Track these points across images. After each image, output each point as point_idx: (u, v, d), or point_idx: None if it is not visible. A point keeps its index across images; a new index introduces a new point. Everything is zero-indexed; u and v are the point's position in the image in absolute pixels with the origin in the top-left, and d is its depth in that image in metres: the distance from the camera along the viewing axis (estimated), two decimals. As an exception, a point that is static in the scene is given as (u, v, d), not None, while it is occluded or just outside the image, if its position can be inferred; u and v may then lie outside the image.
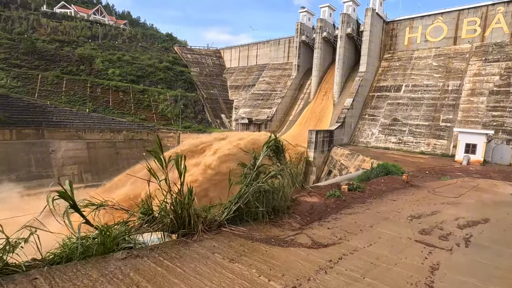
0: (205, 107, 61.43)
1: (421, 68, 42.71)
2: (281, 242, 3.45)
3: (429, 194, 8.15)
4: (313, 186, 7.38)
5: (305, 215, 4.60)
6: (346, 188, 6.86)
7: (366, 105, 44.26)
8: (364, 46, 44.69)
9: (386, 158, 29.00)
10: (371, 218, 5.05)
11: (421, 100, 39.70)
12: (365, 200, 6.19)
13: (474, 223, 5.12)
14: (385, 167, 12.39)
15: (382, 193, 7.21)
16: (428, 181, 12.23)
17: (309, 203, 5.30)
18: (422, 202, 6.68)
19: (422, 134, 36.70)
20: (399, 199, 6.81)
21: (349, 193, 6.64)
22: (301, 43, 55.73)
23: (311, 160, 36.29)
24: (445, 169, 21.40)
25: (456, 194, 8.81)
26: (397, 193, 7.60)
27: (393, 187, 8.29)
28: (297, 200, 5.39)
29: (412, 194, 7.76)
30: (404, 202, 6.46)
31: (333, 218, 4.78)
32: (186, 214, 3.39)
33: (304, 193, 6.07)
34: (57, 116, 41.13)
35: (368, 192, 7.07)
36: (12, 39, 51.99)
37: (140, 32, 78.11)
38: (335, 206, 5.26)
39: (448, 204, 6.73)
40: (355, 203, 5.78)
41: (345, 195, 6.29)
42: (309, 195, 5.91)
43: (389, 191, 7.62)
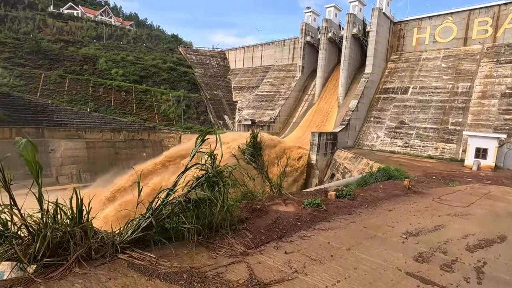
0: (208, 108, 60.82)
1: (429, 70, 41.30)
2: (198, 278, 2.45)
3: (434, 202, 7.09)
4: (295, 192, 6.41)
5: (260, 232, 3.64)
6: (333, 195, 5.88)
7: (372, 107, 42.97)
8: (370, 47, 43.49)
9: (391, 162, 27.76)
10: (352, 236, 4.06)
11: (429, 102, 38.28)
12: (352, 210, 5.20)
13: (488, 242, 4.10)
14: (386, 171, 11.32)
15: (377, 201, 6.20)
16: (434, 187, 11.10)
17: (278, 213, 4.36)
18: (424, 213, 5.65)
19: (430, 138, 35.26)
20: (397, 208, 5.78)
21: (336, 200, 5.68)
22: (305, 44, 54.75)
23: (313, 163, 35.18)
24: (454, 174, 20.10)
25: (465, 203, 7.74)
26: (395, 201, 6.57)
27: (392, 194, 7.25)
28: (265, 209, 4.45)
29: (414, 202, 6.71)
30: (401, 213, 5.45)
31: (300, 236, 3.78)
32: (62, 234, 2.46)
33: (279, 200, 5.13)
34: (58, 115, 40.93)
35: (360, 199, 6.07)
36: (17, 38, 52.30)
37: (145, 33, 78.22)
38: (309, 219, 4.29)
39: (455, 215, 5.70)
40: (338, 214, 4.80)
41: (329, 203, 5.33)
42: (285, 203, 4.97)
43: (386, 199, 6.60)
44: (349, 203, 5.55)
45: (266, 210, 4.38)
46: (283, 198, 5.22)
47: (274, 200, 5.09)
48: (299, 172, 34.54)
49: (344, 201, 5.65)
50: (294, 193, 6.20)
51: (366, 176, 11.05)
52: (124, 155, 41.07)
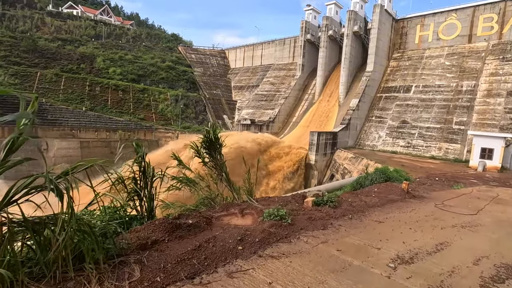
0: (207, 108, 59.93)
1: (432, 68, 40.12)
2: None
3: (436, 209, 6.07)
4: (263, 199, 5.42)
5: (162, 268, 2.53)
6: (310, 202, 4.89)
7: (373, 107, 41.84)
8: (371, 45, 42.39)
9: (393, 163, 26.70)
10: (314, 268, 2.88)
11: (432, 101, 37.10)
12: (330, 222, 4.18)
13: (509, 271, 3.04)
14: (383, 172, 10.29)
15: (367, 209, 5.19)
16: (437, 190, 10.05)
17: (220, 230, 3.38)
18: (423, 225, 4.63)
19: (433, 138, 34.08)
20: (390, 219, 4.75)
21: (312, 209, 4.69)
22: (306, 42, 53.71)
23: (312, 164, 34.14)
24: (458, 175, 18.99)
25: (472, 209, 6.72)
26: (389, 208, 5.55)
27: (387, 199, 6.25)
28: (204, 224, 3.48)
29: (412, 210, 5.69)
30: (394, 225, 4.42)
31: (229, 273, 2.57)
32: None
33: (236, 209, 4.15)
34: (53, 114, 40.20)
35: (345, 207, 5.08)
36: (14, 37, 51.77)
37: (145, 32, 77.57)
38: (260, 239, 3.24)
39: (462, 227, 4.69)
40: (307, 230, 3.78)
41: (301, 214, 4.34)
42: (242, 214, 4.01)
43: (378, 206, 5.59)
44: (328, 213, 4.54)
45: (204, 225, 3.40)
46: (242, 207, 4.24)
47: (229, 209, 4.12)
48: (297, 173, 33.49)
49: (322, 210, 4.66)
50: (262, 200, 5.21)
51: (361, 178, 10.04)
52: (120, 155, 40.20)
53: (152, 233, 3.15)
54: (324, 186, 11.18)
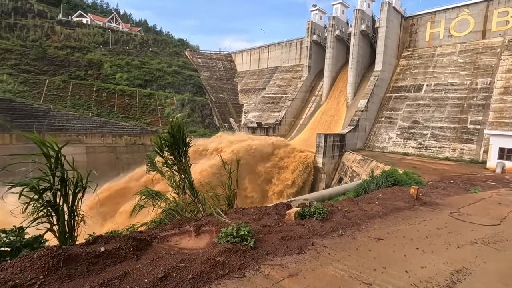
0: (213, 111, 59.60)
1: (444, 66, 38.56)
2: None
3: (450, 219, 5.14)
4: (238, 210, 4.61)
5: None
6: (292, 214, 4.06)
7: (383, 107, 40.50)
8: (379, 43, 41.16)
9: (404, 165, 25.48)
10: None
11: (445, 100, 35.55)
12: (312, 242, 3.30)
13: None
14: (391, 175, 9.33)
15: (365, 221, 4.31)
16: (452, 195, 9.02)
17: (153, 257, 2.58)
18: (435, 242, 3.72)
19: (447, 138, 32.52)
20: (392, 234, 3.83)
21: (294, 223, 3.87)
22: (312, 43, 52.82)
23: (319, 167, 33.08)
24: (475, 178, 17.68)
25: (494, 218, 5.75)
26: (394, 219, 4.66)
27: (393, 207, 5.35)
28: (150, 243, 2.71)
29: (421, 220, 4.78)
30: (397, 244, 3.50)
31: None
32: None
33: (191, 226, 3.36)
34: (60, 120, 40.55)
35: (338, 219, 4.22)
36: (24, 46, 52.89)
37: (152, 38, 78.27)
38: (194, 275, 2.29)
39: (484, 243, 3.78)
40: (276, 255, 2.92)
41: (275, 230, 3.51)
42: (196, 232, 3.23)
43: (380, 216, 4.71)
44: (312, 228, 3.69)
45: (129, 252, 2.62)
46: (200, 223, 3.45)
47: (183, 226, 3.36)
48: (304, 176, 32.46)
49: (306, 225, 3.82)
50: (236, 212, 4.40)
51: (366, 182, 9.11)
52: (125, 160, 40.17)
53: (21, 272, 2.23)
54: (327, 191, 10.29)
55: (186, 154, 4.66)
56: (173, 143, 4.48)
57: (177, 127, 4.52)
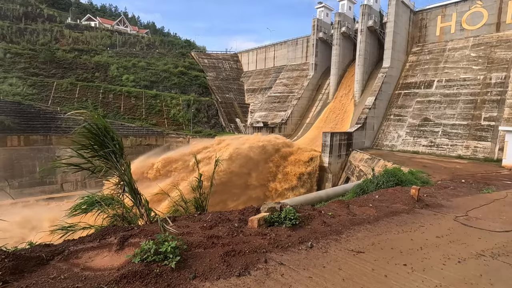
0: (219, 112, 59.31)
1: (456, 61, 37.10)
2: None
3: (455, 224, 4.42)
4: (190, 216, 4.03)
5: None
6: (255, 222, 3.44)
7: (391, 104, 39.29)
8: (387, 39, 39.96)
9: (413, 163, 24.45)
10: None
11: (457, 96, 34.15)
12: (265, 258, 2.66)
13: None
14: (394, 174, 8.61)
15: (348, 228, 3.64)
16: (461, 196, 8.22)
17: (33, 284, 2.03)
18: (430, 255, 2.99)
19: (459, 136, 31.17)
20: (378, 245, 3.09)
21: (256, 232, 3.26)
22: (318, 41, 51.88)
23: (326, 166, 32.23)
24: (489, 177, 16.62)
25: (508, 223, 4.99)
26: (386, 225, 3.97)
27: (389, 211, 4.69)
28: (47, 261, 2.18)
29: (420, 226, 4.07)
30: (380, 258, 2.76)
31: None
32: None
33: (115, 237, 2.82)
34: (66, 123, 40.91)
35: (315, 226, 3.58)
36: (34, 49, 53.83)
37: (158, 39, 78.70)
38: None
39: (493, 256, 3.06)
40: (206, 279, 2.27)
41: (223, 243, 2.89)
42: (119, 245, 2.67)
43: (370, 221, 4.03)
44: (275, 239, 3.05)
45: None
46: (130, 234, 2.90)
47: (106, 237, 2.82)
48: (309, 176, 31.67)
49: (270, 234, 3.19)
50: (188, 219, 3.82)
51: (366, 182, 8.40)
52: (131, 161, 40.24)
53: None
54: (324, 191, 9.63)
55: (122, 154, 4.19)
56: (102, 142, 4.01)
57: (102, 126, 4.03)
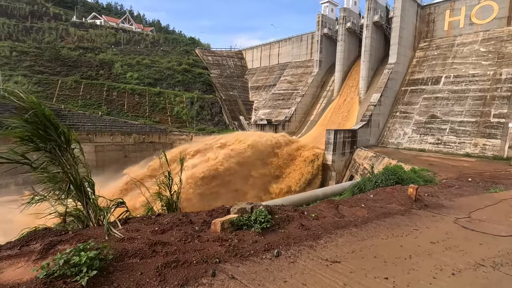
0: (223, 109, 59.04)
1: (465, 56, 36.07)
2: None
3: (455, 227, 3.97)
4: (145, 218, 3.67)
5: None
6: (219, 224, 3.07)
7: (397, 101, 38.45)
8: (394, 34, 39.06)
9: (419, 161, 23.81)
10: None
11: (465, 92, 33.20)
12: (213, 271, 2.23)
13: None
14: (394, 172, 8.13)
15: (330, 233, 3.21)
16: (466, 195, 7.73)
17: None
18: (420, 265, 2.49)
19: (468, 133, 30.29)
20: (359, 253, 2.61)
21: (218, 236, 2.88)
22: (323, 37, 51.10)
23: (329, 164, 31.69)
24: (498, 175, 15.96)
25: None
26: (375, 228, 3.54)
27: (381, 212, 4.26)
28: None
29: (414, 229, 3.61)
30: (358, 270, 2.24)
31: None
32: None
33: (40, 244, 2.46)
34: (70, 120, 41.16)
35: (291, 229, 3.18)
36: (39, 48, 54.24)
37: (163, 37, 78.66)
38: None
39: (493, 266, 2.61)
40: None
41: (166, 252, 2.50)
42: (42, 253, 2.30)
43: (356, 224, 3.60)
44: (236, 246, 2.64)
45: None
46: (58, 239, 2.55)
47: (30, 243, 2.45)
48: (313, 174, 31.18)
49: (232, 240, 2.76)
50: (141, 221, 3.45)
51: (364, 180, 7.96)
52: (134, 158, 40.25)
53: None
54: (321, 190, 9.22)
55: (68, 146, 3.84)
56: (44, 135, 3.68)
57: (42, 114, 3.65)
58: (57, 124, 4.06)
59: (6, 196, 28.89)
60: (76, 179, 3.73)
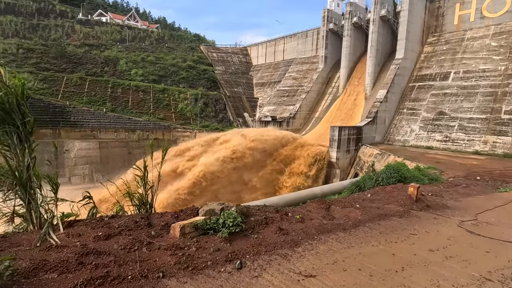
0: (227, 106, 58.72)
1: (475, 51, 34.98)
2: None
3: (458, 232, 3.54)
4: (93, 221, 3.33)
5: None
6: (178, 229, 2.70)
7: (404, 98, 37.57)
8: (401, 29, 38.09)
9: (425, 159, 23.16)
10: None
11: (475, 88, 32.21)
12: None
13: None
14: (397, 170, 7.68)
15: (313, 238, 2.81)
16: (473, 195, 7.25)
17: None
18: (413, 280, 2.09)
19: (477, 130, 29.38)
20: (341, 264, 2.19)
21: (175, 243, 2.51)
22: (328, 32, 50.23)
23: (333, 161, 31.16)
24: (509, 174, 15.29)
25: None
26: (366, 233, 3.12)
27: (377, 214, 3.86)
28: None
29: (411, 234, 3.19)
30: (337, 285, 1.95)
31: None
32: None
33: None
34: (75, 116, 41.38)
35: (267, 234, 2.80)
36: (46, 45, 54.59)
37: (168, 34, 78.52)
38: None
39: (502, 281, 2.23)
40: None
41: (106, 263, 2.18)
42: None
43: (345, 228, 3.19)
44: (192, 255, 2.23)
45: None
46: None
47: None
48: (317, 172, 30.70)
49: (189, 248, 2.38)
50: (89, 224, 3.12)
51: (364, 178, 7.54)
52: (138, 155, 40.24)
53: None
54: (319, 188, 8.81)
55: (28, 137, 3.50)
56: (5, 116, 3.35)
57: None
58: (25, 112, 3.75)
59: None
60: (22, 174, 3.41)
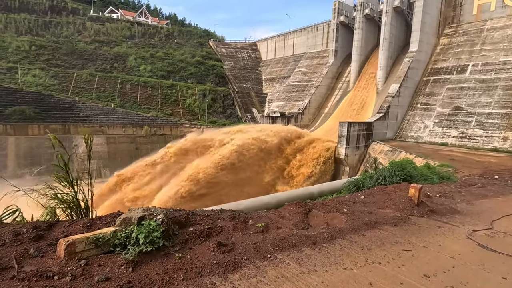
0: (236, 101, 58.16)
1: (496, 42, 32.99)
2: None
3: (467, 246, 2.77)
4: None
5: None
6: (63, 246, 1.79)
7: (418, 92, 35.97)
8: (415, 20, 36.35)
9: (439, 156, 21.98)
10: None
11: (495, 82, 30.40)
12: None
13: None
14: (402, 167, 6.90)
15: (264, 256, 2.14)
16: (490, 196, 6.38)
17: None
18: None
19: (496, 126, 27.72)
20: None
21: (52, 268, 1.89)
22: (339, 25, 48.72)
23: (341, 158, 30.16)
24: (530, 173, 14.06)
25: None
26: (346, 247, 2.39)
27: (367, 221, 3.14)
28: None
29: (403, 250, 2.41)
30: None
31: None
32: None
33: None
34: (84, 112, 41.80)
35: (200, 251, 2.13)
36: (57, 42, 55.44)
37: (177, 30, 78.45)
38: None
39: None
40: None
41: None
42: None
43: (318, 242, 2.39)
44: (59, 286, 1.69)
45: None
46: None
47: None
48: (324, 169, 29.79)
49: (63, 277, 1.78)
50: None
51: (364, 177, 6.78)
52: (145, 150, 40.28)
53: None
54: (317, 186, 8.10)
55: None
56: None
57: None
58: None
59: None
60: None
